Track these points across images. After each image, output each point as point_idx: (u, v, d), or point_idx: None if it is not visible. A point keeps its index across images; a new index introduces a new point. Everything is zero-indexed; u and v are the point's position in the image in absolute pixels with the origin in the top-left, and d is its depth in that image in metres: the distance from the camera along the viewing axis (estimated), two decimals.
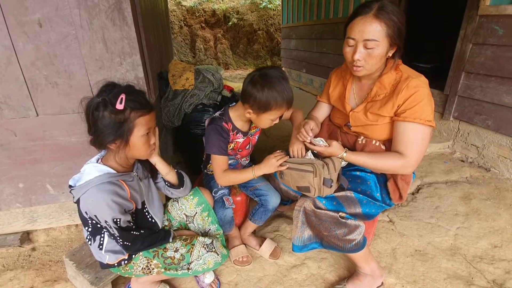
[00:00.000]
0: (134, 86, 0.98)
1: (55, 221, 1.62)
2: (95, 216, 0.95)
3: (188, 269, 1.13)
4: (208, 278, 1.32)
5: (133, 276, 1.15)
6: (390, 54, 1.06)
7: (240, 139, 1.36)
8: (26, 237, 1.62)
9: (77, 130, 1.42)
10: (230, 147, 1.35)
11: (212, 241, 1.19)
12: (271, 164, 1.21)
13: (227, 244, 1.54)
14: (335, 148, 1.12)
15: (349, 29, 1.05)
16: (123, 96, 0.88)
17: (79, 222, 1.66)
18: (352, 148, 1.25)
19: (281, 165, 1.19)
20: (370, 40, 0.99)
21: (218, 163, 1.29)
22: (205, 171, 1.55)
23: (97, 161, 1.00)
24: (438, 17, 3.90)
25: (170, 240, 1.15)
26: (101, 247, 1.06)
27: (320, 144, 1.13)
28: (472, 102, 2.26)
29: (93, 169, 0.96)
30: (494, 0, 2.03)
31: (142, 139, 0.96)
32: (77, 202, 0.96)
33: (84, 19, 1.23)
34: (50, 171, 1.48)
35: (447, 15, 3.70)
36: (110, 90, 0.91)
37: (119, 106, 0.87)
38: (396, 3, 2.94)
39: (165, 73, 2.34)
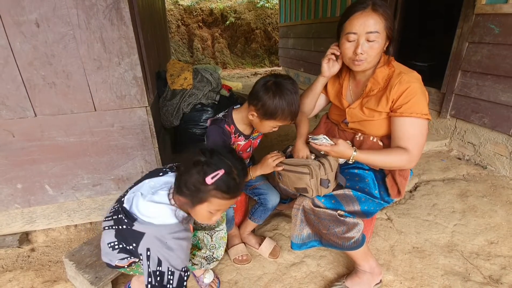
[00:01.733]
0: (246, 169, 0.95)
1: (54, 222, 1.62)
2: (158, 258, 0.86)
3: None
4: (208, 278, 1.32)
5: (138, 273, 1.15)
6: (384, 48, 1.11)
7: (242, 142, 1.35)
8: (25, 238, 1.62)
9: (76, 130, 1.42)
10: None
11: (213, 253, 1.21)
12: (267, 164, 1.21)
13: (227, 243, 1.54)
14: (342, 147, 1.07)
15: (348, 25, 1.08)
16: (220, 172, 0.84)
17: (78, 222, 1.66)
18: None
19: (277, 165, 1.20)
20: (373, 32, 1.03)
21: None
22: None
23: (168, 199, 0.93)
24: (435, 15, 3.91)
25: None
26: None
27: (324, 143, 1.08)
28: (469, 100, 2.28)
29: (169, 212, 0.90)
30: None
31: (206, 213, 0.91)
32: (134, 231, 0.89)
33: (82, 18, 1.23)
34: (48, 172, 1.48)
35: (444, 13, 3.72)
36: (221, 157, 0.88)
37: (208, 180, 0.83)
38: (393, 1, 2.95)
39: (163, 73, 2.34)
